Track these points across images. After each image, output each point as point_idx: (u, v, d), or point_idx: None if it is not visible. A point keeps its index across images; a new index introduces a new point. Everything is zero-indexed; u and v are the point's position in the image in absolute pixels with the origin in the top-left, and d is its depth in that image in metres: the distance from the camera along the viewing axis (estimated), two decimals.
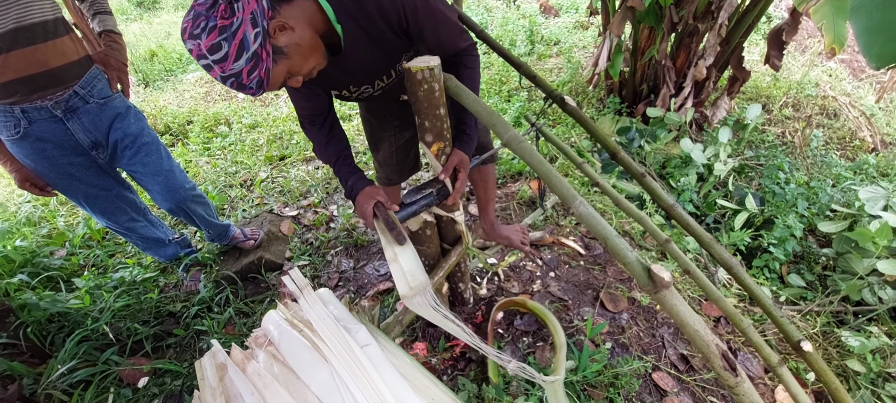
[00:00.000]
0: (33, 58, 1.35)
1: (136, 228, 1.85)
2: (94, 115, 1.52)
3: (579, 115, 1.34)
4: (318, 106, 1.21)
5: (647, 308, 1.78)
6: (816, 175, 2.80)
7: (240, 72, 0.84)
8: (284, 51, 0.89)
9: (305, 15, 0.92)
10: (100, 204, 1.67)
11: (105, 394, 1.59)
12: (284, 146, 3.36)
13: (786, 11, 4.55)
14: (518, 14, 5.71)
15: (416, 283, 1.05)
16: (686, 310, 0.78)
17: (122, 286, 1.99)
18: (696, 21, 2.72)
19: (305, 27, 0.92)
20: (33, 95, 1.39)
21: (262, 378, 1.02)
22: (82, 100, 1.48)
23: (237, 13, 0.80)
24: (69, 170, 1.54)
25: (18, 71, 1.34)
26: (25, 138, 1.44)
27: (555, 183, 0.88)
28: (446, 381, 1.53)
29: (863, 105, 3.59)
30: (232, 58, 0.82)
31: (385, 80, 1.20)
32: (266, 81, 0.88)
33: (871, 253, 1.85)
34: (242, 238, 2.14)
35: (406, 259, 1.08)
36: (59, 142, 1.49)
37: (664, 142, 2.72)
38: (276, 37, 0.87)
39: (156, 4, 8.76)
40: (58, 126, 1.47)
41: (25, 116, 1.41)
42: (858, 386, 1.55)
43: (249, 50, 0.82)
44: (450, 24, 1.07)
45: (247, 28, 0.81)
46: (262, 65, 0.85)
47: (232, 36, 0.80)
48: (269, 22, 0.85)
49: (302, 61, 0.93)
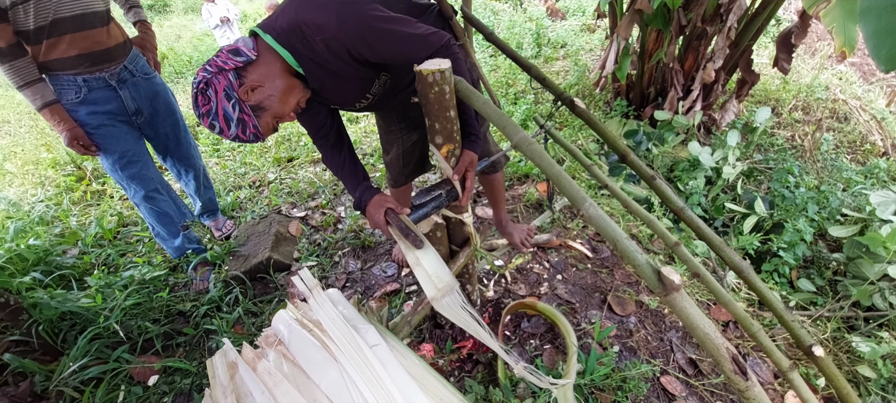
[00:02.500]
0: (94, 38, 1.65)
1: (157, 200, 2.01)
2: (140, 87, 1.84)
3: (589, 117, 1.35)
4: (322, 123, 1.27)
5: (655, 311, 1.77)
6: (827, 179, 2.77)
7: (236, 134, 1.02)
8: (262, 105, 1.03)
9: (269, 68, 1.03)
10: (131, 169, 1.89)
11: (116, 392, 1.61)
12: (292, 148, 3.39)
13: (795, 14, 4.52)
14: (525, 17, 5.72)
15: (442, 284, 1.06)
16: (696, 313, 0.78)
17: (133, 284, 2.01)
18: (705, 24, 2.71)
19: (273, 78, 1.03)
20: (94, 68, 1.68)
21: (273, 377, 1.03)
22: (130, 73, 1.80)
23: (211, 99, 0.98)
24: (113, 131, 1.80)
25: (84, 48, 1.64)
26: (84, 103, 1.71)
27: (564, 185, 0.89)
28: (454, 383, 1.54)
29: (874, 109, 3.55)
30: (225, 130, 1.01)
31: (364, 102, 1.24)
32: (260, 133, 1.05)
33: (882, 258, 1.83)
34: (220, 226, 2.46)
35: (429, 261, 1.08)
36: (110, 107, 1.77)
37: (672, 146, 2.71)
38: (249, 98, 1.01)
39: (166, 8, 8.87)
40: (111, 93, 1.76)
41: (87, 84, 1.69)
42: (869, 392, 1.53)
43: (233, 119, 1.00)
44: (409, 38, 1.06)
45: (224, 104, 0.99)
46: (249, 124, 1.02)
47: (216, 116, 0.99)
48: (238, 90, 0.99)
49: (282, 105, 1.05)
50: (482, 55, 4.80)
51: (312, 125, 1.27)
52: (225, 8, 4.83)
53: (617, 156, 1.39)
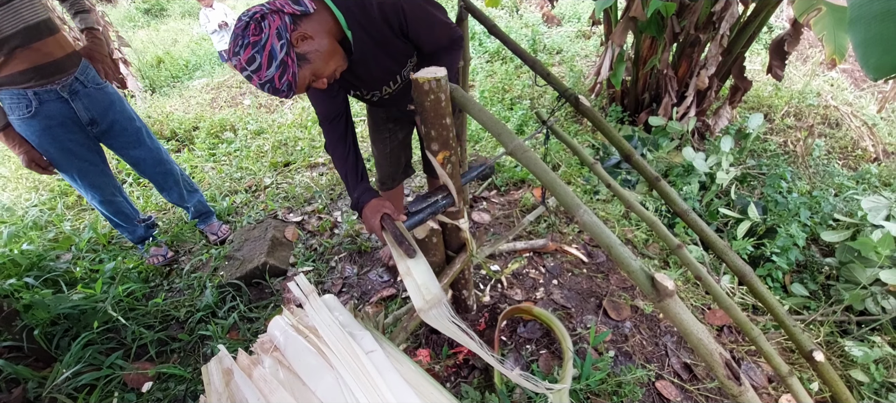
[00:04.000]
0: (44, 50, 1.63)
1: (115, 202, 2.09)
2: (93, 97, 1.81)
3: (594, 115, 1.36)
4: (337, 108, 1.30)
5: (651, 316, 1.78)
6: (819, 184, 2.80)
7: (272, 78, 1.00)
8: (307, 57, 1.04)
9: (322, 25, 1.06)
10: (89, 177, 1.93)
11: (110, 398, 1.59)
12: (289, 152, 3.39)
13: (787, 22, 4.58)
14: (521, 23, 5.75)
15: (430, 296, 1.06)
16: (690, 319, 0.79)
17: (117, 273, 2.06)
18: (698, 31, 2.74)
19: (324, 35, 1.06)
20: (44, 80, 1.65)
21: (268, 384, 1.02)
22: (82, 84, 1.77)
23: (264, 30, 0.97)
24: (68, 145, 1.80)
25: (33, 61, 1.61)
26: (35, 116, 1.69)
27: (559, 191, 0.90)
28: (450, 388, 1.54)
29: (864, 115, 3.60)
30: (264, 66, 0.98)
31: (392, 86, 1.31)
32: (294, 84, 1.04)
33: (873, 262, 1.85)
34: (215, 230, 2.44)
35: (419, 271, 1.08)
36: (63, 119, 1.75)
37: (666, 151, 2.73)
38: (298, 45, 1.02)
39: (163, 12, 8.86)
40: (64, 105, 1.74)
41: (37, 97, 1.67)
42: (862, 396, 1.54)
43: (278, 58, 0.98)
44: (442, 22, 1.19)
45: (273, 41, 0.97)
46: (289, 69, 1.01)
47: (262, 49, 0.97)
48: (292, 34, 1.00)
49: (324, 64, 1.07)
50: (478, 61, 4.82)
51: (328, 108, 1.29)
52: (223, 13, 4.83)
53: (619, 156, 1.41)
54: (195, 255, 2.33)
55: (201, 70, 5.71)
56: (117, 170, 3.25)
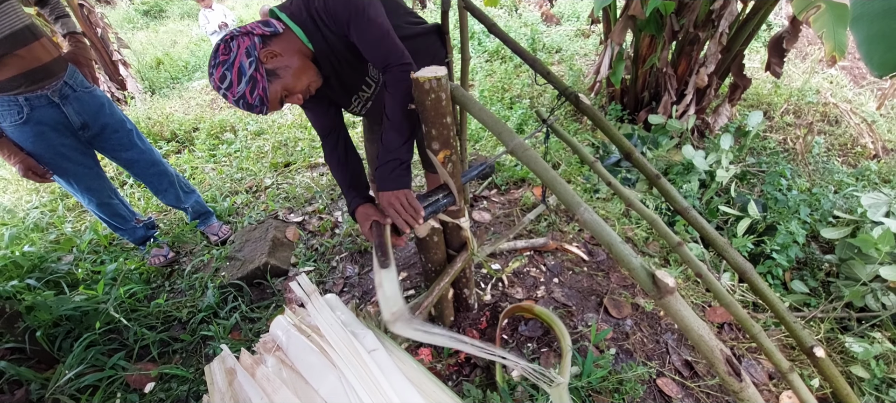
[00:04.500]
0: (29, 56, 1.63)
1: (111, 204, 2.10)
2: (83, 101, 1.81)
3: (594, 114, 1.36)
4: (330, 123, 1.36)
5: (651, 314, 1.79)
6: (818, 181, 2.81)
7: (243, 93, 1.06)
8: (277, 73, 1.09)
9: (291, 43, 1.13)
10: (85, 181, 1.94)
11: (112, 399, 1.60)
12: (289, 153, 3.39)
13: (786, 19, 4.59)
14: (520, 22, 5.76)
15: (396, 309, 1.08)
16: (690, 316, 0.79)
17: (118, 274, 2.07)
18: (697, 29, 2.74)
19: (292, 53, 1.12)
20: (34, 86, 1.66)
21: (271, 383, 1.03)
22: (71, 88, 1.77)
23: (233, 50, 1.05)
24: (62, 150, 1.80)
25: (21, 67, 1.61)
26: (28, 123, 1.69)
27: (559, 189, 0.90)
28: (451, 387, 1.54)
29: (864, 112, 3.60)
30: (235, 83, 1.05)
31: (367, 90, 1.38)
32: (266, 98, 1.09)
33: (873, 259, 1.85)
34: (215, 231, 2.44)
35: (388, 283, 1.10)
36: (55, 124, 1.76)
37: (666, 149, 2.73)
38: (267, 62, 1.08)
39: (162, 14, 8.87)
40: (55, 110, 1.74)
41: (28, 103, 1.67)
42: (863, 392, 1.55)
43: (247, 74, 1.05)
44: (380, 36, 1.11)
45: (242, 58, 1.05)
46: (259, 84, 1.06)
47: (231, 66, 1.04)
48: (260, 52, 1.07)
49: (295, 80, 1.12)
50: (478, 60, 4.83)
51: (323, 124, 1.35)
52: (222, 14, 4.83)
53: (619, 154, 1.41)
54: (196, 256, 2.33)
55: (201, 71, 5.71)
56: (116, 172, 3.25)
